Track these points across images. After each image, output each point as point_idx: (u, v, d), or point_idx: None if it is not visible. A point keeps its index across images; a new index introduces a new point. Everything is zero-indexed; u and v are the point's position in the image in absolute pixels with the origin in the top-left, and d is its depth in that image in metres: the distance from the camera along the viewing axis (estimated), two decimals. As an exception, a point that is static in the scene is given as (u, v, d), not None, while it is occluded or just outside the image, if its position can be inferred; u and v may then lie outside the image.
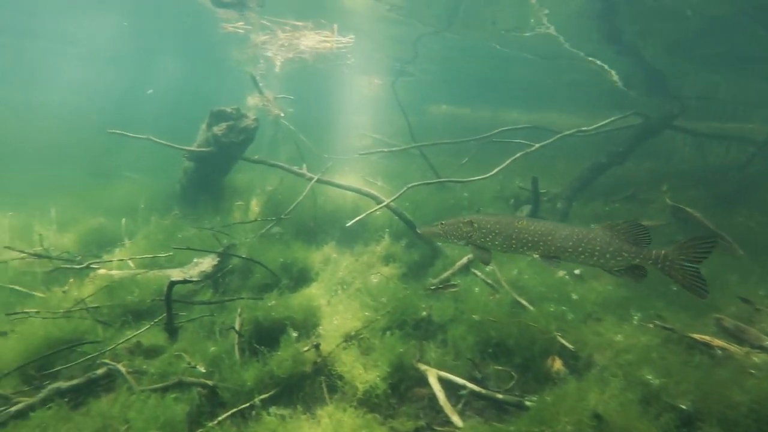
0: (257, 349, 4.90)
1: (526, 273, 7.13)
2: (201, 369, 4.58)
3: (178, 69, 33.04)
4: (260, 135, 9.50)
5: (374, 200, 7.92)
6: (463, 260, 7.19)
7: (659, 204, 10.52)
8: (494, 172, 7.63)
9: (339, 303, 5.83)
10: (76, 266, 6.82)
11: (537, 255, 4.38)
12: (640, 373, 4.13)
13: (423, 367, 4.88)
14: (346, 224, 6.42)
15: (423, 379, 4.81)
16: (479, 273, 7.02)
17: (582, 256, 4.15)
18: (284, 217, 7.84)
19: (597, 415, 3.65)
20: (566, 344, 5.25)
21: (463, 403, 4.61)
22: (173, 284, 5.05)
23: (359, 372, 4.55)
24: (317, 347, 4.83)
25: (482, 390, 4.68)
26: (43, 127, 22.49)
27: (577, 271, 7.81)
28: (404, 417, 4.35)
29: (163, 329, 5.28)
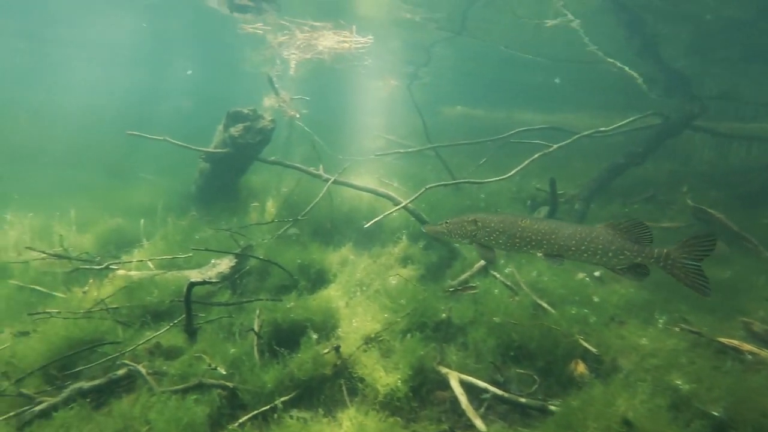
0: (277, 351, 4.88)
1: (546, 275, 7.04)
2: (221, 371, 4.56)
3: (195, 70, 33.31)
4: (275, 136, 9.50)
5: (391, 201, 7.87)
6: (482, 261, 7.11)
7: (679, 205, 10.35)
8: (512, 173, 7.53)
9: (357, 305, 5.78)
10: (96, 267, 6.87)
11: (540, 253, 4.39)
12: (669, 378, 4.03)
13: (444, 370, 4.81)
14: (364, 225, 6.37)
15: (444, 383, 4.75)
16: (498, 275, 6.94)
17: (585, 255, 4.17)
18: (301, 219, 7.81)
19: (627, 421, 3.56)
20: (589, 348, 5.15)
21: (486, 407, 4.54)
22: (192, 285, 5.04)
23: (380, 375, 4.50)
24: (337, 349, 4.79)
25: (505, 394, 4.60)
26: (61, 129, 22.81)
27: (597, 273, 7.69)
28: (426, 421, 4.29)
29: (183, 330, 5.28)
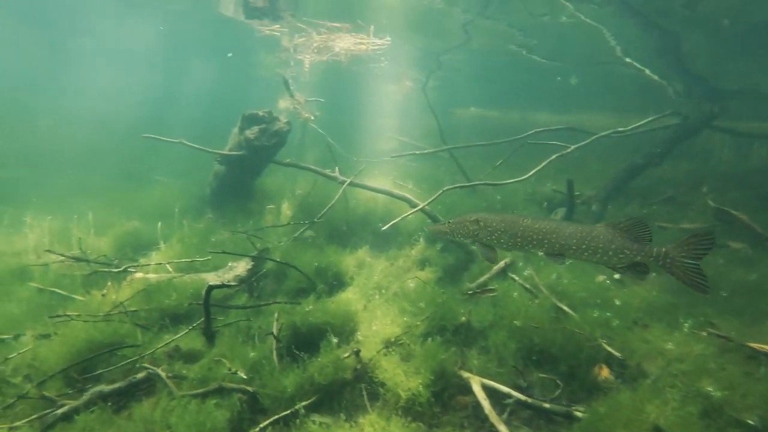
0: (296, 355, 4.84)
1: (565, 277, 6.93)
2: (242, 375, 4.52)
3: (210, 73, 33.62)
4: (288, 138, 9.49)
5: (408, 203, 7.82)
6: (501, 264, 7.03)
7: (700, 206, 10.17)
8: (530, 175, 7.45)
9: (376, 308, 5.73)
10: (114, 270, 6.89)
11: (542, 252, 4.45)
12: (699, 385, 3.92)
13: (466, 375, 4.74)
14: (382, 228, 6.32)
15: (466, 387, 4.68)
16: (517, 277, 6.85)
17: (586, 254, 4.23)
18: (317, 221, 7.79)
19: (657, 429, 3.47)
20: (613, 352, 5.04)
21: (509, 413, 4.46)
22: (211, 289, 5.02)
23: (401, 379, 4.44)
24: (357, 353, 4.74)
25: (528, 399, 4.52)
26: (79, 133, 23.09)
27: (617, 276, 7.56)
28: (449, 426, 4.22)
29: (201, 334, 5.27)
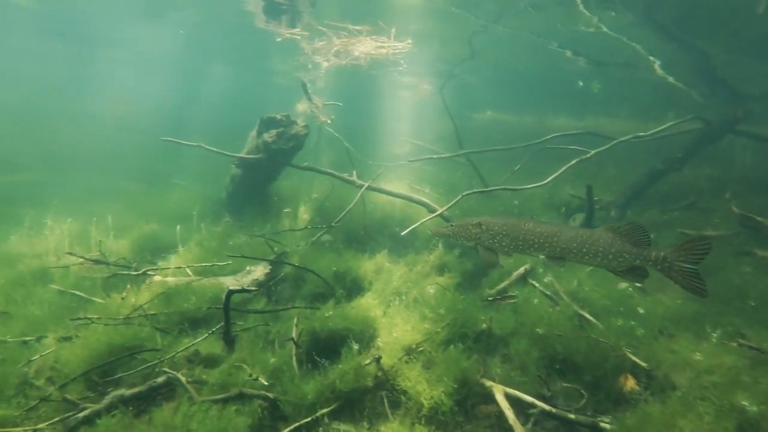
0: (317, 361, 4.79)
1: (586, 284, 6.81)
2: (263, 381, 4.49)
3: (228, 77, 33.96)
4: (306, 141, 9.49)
5: (426, 208, 7.76)
6: (520, 270, 6.93)
7: (723, 213, 9.96)
8: (549, 180, 7.35)
9: (396, 314, 5.67)
10: (133, 273, 6.92)
11: (543, 256, 4.53)
12: (733, 399, 3.79)
13: (488, 383, 4.66)
14: (401, 233, 6.26)
15: (488, 396, 4.59)
16: (537, 284, 6.75)
17: (586, 257, 4.32)
18: (334, 225, 7.75)
19: (691, 444, 3.36)
20: (639, 362, 4.93)
21: (533, 423, 4.37)
22: (231, 293, 5.00)
23: (423, 387, 4.37)
24: (378, 360, 4.68)
25: (553, 409, 4.42)
26: (99, 136, 23.46)
27: (638, 283, 7.43)
28: (472, 436, 4.15)
29: (221, 338, 5.25)
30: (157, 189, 14.08)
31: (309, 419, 4.18)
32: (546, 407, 4.43)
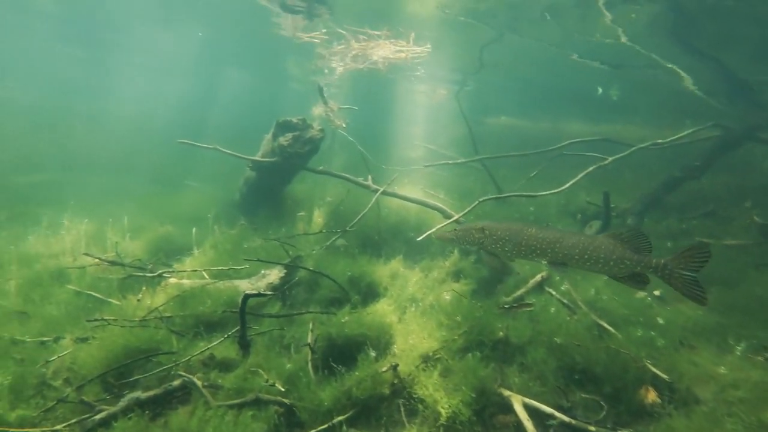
0: (333, 368, 4.75)
1: (604, 293, 6.73)
2: (279, 386, 4.46)
3: (244, 81, 34.20)
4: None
5: (442, 214, 7.70)
6: (537, 278, 6.85)
7: (742, 221, 9.79)
8: (566, 186, 7.28)
9: (412, 321, 5.61)
10: (149, 275, 6.94)
11: (545, 261, 4.57)
12: (763, 416, 3.69)
13: (506, 393, 4.58)
14: (417, 238, 6.20)
15: (506, 406, 4.52)
16: (554, 292, 6.67)
17: (588, 263, 4.35)
18: (349, 230, 7.73)
19: (720, 461, 3.27)
20: (660, 374, 4.83)
21: (552, 435, 4.29)
22: (248, 298, 4.99)
23: (440, 396, 4.31)
24: (396, 368, 4.63)
25: (572, 420, 4.34)
26: (116, 137, 23.74)
27: (657, 292, 7.33)
28: (490, 447, 4.08)
29: (236, 342, 5.23)
30: (172, 191, 14.18)
31: (325, 426, 4.14)
32: (565, 419, 4.35)
